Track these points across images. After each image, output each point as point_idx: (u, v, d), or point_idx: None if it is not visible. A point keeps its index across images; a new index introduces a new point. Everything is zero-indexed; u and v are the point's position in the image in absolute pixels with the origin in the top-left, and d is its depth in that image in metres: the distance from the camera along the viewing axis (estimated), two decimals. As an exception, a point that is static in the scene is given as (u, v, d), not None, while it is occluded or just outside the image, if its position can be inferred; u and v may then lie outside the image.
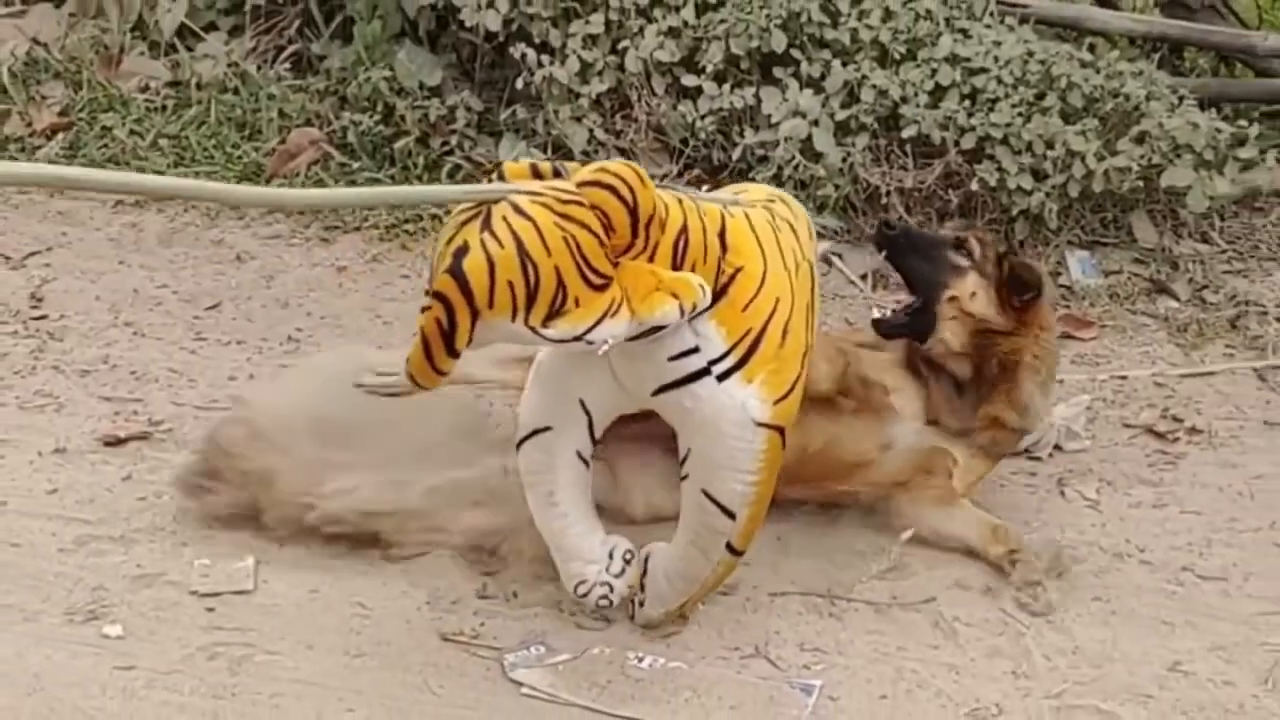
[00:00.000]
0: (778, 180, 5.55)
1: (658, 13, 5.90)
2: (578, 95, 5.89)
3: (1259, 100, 6.30)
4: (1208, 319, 5.28)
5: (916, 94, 5.64)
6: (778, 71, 5.80)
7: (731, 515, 3.66)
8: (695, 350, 3.56)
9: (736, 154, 5.81)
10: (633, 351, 3.50)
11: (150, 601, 3.92)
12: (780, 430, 3.63)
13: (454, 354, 3.32)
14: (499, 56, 6.19)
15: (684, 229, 3.50)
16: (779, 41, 5.76)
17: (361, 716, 3.57)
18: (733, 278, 3.59)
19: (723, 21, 5.81)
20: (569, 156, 5.76)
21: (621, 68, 5.88)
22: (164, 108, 6.47)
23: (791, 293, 3.68)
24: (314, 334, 5.20)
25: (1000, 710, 3.61)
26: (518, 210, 3.32)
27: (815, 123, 5.65)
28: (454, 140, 6.08)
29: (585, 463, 3.81)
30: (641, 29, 5.89)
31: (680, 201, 3.56)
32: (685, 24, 5.85)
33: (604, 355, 3.46)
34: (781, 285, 3.66)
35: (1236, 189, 5.60)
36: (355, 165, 6.09)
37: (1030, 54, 5.70)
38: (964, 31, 5.84)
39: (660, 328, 3.42)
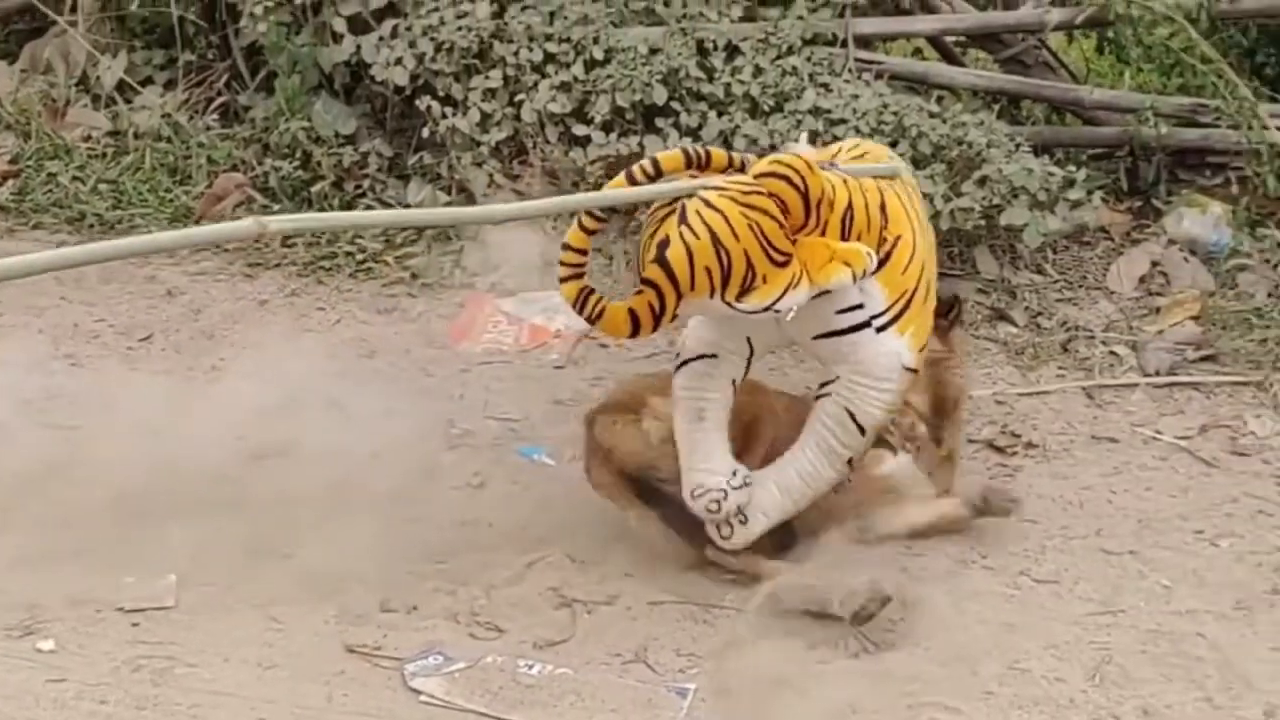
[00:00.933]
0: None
1: (550, 69, 5.80)
2: (478, 143, 5.78)
3: (1086, 146, 6.28)
4: (1042, 343, 5.23)
5: (784, 142, 5.55)
6: (659, 122, 5.70)
7: (863, 432, 3.85)
8: (860, 306, 3.76)
9: (623, 196, 5.71)
10: (804, 305, 3.61)
11: (80, 618, 3.77)
12: (915, 372, 3.88)
13: (658, 328, 3.58)
14: (407, 108, 6.06)
15: (849, 206, 3.69)
16: (660, 95, 5.67)
17: (273, 725, 3.45)
18: (895, 244, 3.80)
19: (609, 77, 5.70)
20: (471, 199, 5.68)
21: (518, 118, 5.78)
22: (104, 155, 6.30)
23: (928, 254, 3.92)
24: (236, 362, 5.03)
25: (855, 709, 3.52)
26: (708, 204, 3.51)
27: (694, 169, 5.56)
28: (366, 184, 5.96)
29: (734, 390, 3.91)
30: (536, 84, 5.78)
31: (845, 182, 3.73)
32: (575, 79, 5.75)
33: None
34: (925, 249, 3.91)
35: (1067, 226, 5.57)
36: (276, 208, 5.90)
37: (885, 106, 5.63)
38: (825, 86, 5.76)
39: None
